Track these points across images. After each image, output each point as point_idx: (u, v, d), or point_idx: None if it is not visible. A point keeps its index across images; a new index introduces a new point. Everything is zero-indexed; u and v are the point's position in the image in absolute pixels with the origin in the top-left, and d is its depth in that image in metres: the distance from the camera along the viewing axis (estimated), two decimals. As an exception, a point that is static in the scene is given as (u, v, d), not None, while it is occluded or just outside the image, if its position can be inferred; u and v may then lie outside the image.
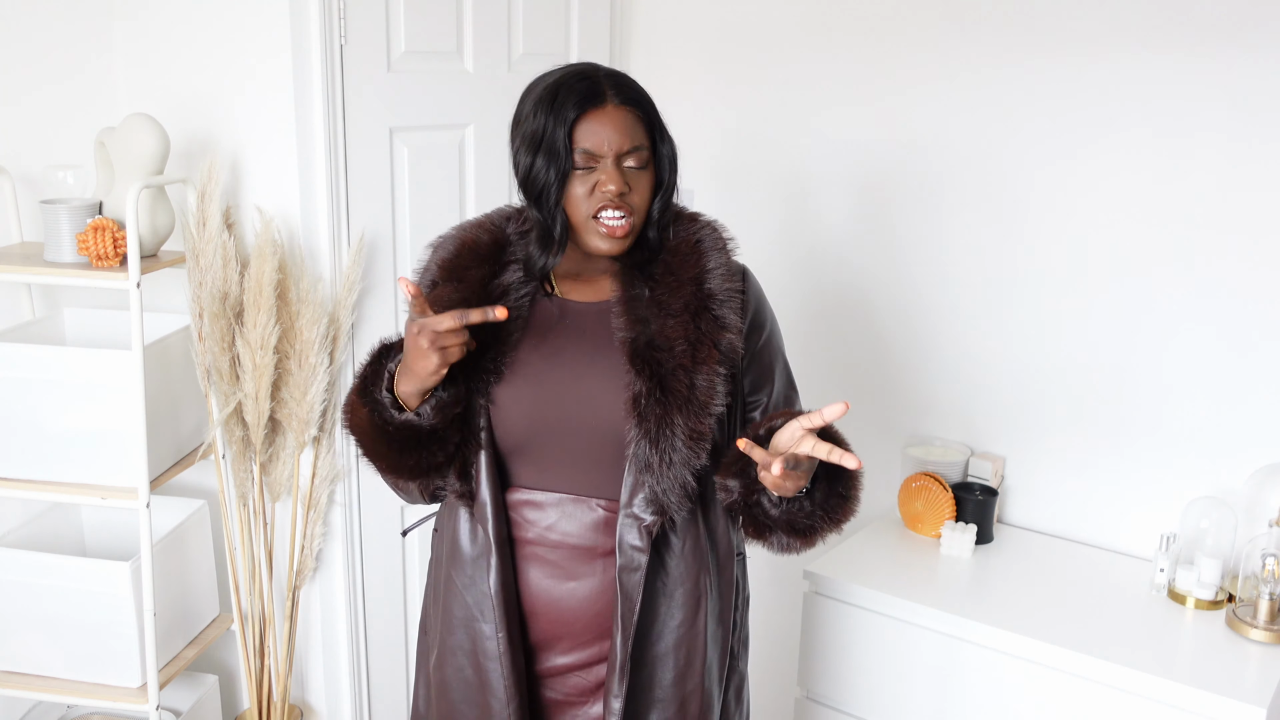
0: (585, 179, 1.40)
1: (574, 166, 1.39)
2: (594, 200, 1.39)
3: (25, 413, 1.92)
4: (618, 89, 1.41)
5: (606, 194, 1.38)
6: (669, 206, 1.48)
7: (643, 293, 1.46)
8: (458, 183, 2.31)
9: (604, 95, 1.40)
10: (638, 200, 1.41)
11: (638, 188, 1.41)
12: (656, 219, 1.46)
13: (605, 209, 1.39)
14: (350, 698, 2.30)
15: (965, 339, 2.33)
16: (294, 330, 2.04)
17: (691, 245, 1.48)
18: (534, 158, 1.40)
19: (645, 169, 1.42)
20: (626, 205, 1.40)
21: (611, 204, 1.39)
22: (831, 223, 2.47)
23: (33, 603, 1.98)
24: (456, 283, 1.46)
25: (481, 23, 2.29)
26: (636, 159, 1.40)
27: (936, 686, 1.97)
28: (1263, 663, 1.81)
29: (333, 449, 2.17)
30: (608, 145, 1.38)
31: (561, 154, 1.38)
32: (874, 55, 2.34)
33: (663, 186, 1.45)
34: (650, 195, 1.44)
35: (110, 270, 1.89)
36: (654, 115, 1.44)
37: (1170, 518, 2.11)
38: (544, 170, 1.40)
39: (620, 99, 1.40)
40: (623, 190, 1.39)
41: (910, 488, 2.25)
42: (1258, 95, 1.94)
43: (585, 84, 1.40)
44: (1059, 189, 2.17)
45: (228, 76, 2.08)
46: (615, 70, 1.45)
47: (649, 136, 1.42)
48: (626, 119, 1.40)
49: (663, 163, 1.45)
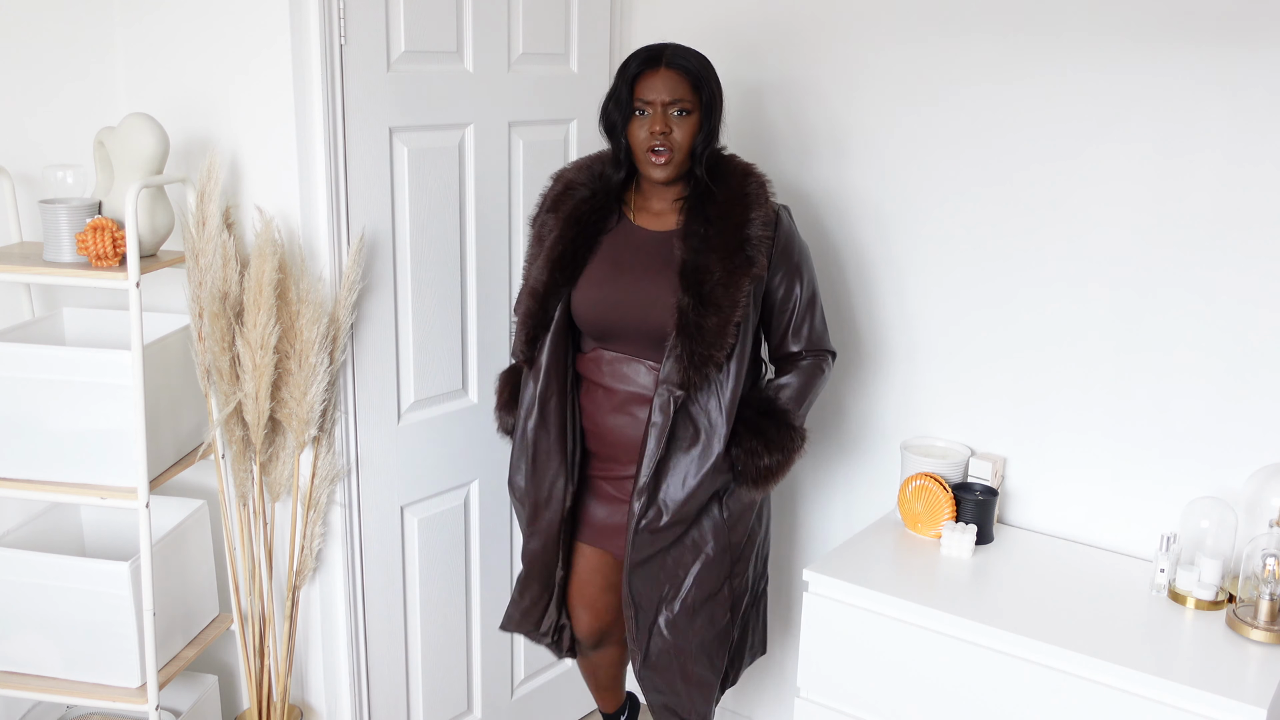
0: (642, 123, 1.94)
1: (633, 111, 1.94)
2: (646, 139, 1.93)
3: (25, 413, 1.91)
4: (673, 55, 1.93)
5: (653, 132, 1.92)
6: (709, 145, 1.96)
7: (700, 229, 1.93)
8: (458, 182, 2.31)
9: (660, 60, 1.92)
10: (679, 138, 1.92)
11: (680, 129, 1.92)
12: (701, 155, 1.95)
13: (653, 144, 1.92)
14: (350, 698, 2.30)
15: (965, 339, 2.33)
16: (294, 330, 2.04)
17: (741, 196, 1.95)
18: (609, 104, 1.97)
19: (688, 116, 1.93)
20: (669, 142, 1.92)
21: (657, 139, 1.92)
22: (832, 222, 2.46)
23: (33, 603, 1.98)
24: (555, 213, 2.03)
25: (481, 23, 2.29)
26: (680, 107, 1.92)
27: (936, 687, 1.97)
28: (1263, 663, 1.81)
29: (332, 449, 2.17)
30: (656, 95, 1.91)
31: (625, 101, 1.94)
32: (874, 55, 2.34)
33: (701, 130, 1.94)
34: (691, 136, 1.93)
35: (110, 270, 1.89)
36: (701, 77, 1.93)
37: (1170, 518, 2.11)
38: (613, 111, 1.96)
39: (672, 64, 1.92)
40: (665, 130, 1.91)
41: (910, 488, 2.25)
42: (1259, 95, 1.94)
43: (647, 52, 1.94)
44: (1060, 189, 2.17)
45: (228, 76, 2.08)
46: (684, 46, 1.96)
47: (695, 93, 1.92)
48: (673, 78, 1.92)
49: (704, 113, 1.94)
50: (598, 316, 2.01)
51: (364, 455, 2.22)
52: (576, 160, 2.10)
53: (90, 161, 2.12)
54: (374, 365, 2.21)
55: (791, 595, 2.65)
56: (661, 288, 1.95)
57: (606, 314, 2.00)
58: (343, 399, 2.16)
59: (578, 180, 2.03)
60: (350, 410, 2.18)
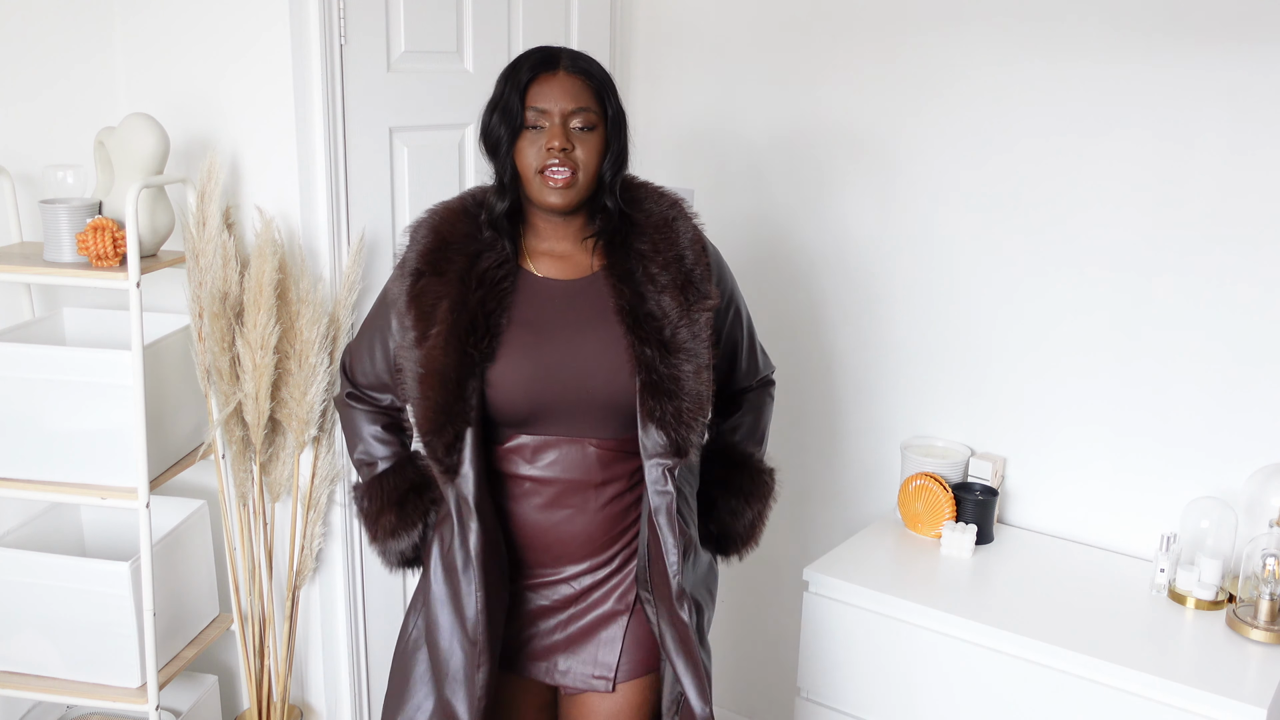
0: (535, 139, 1.54)
1: (525, 125, 1.54)
2: (540, 156, 1.53)
3: (25, 413, 1.91)
4: (571, 60, 1.57)
5: (551, 149, 1.52)
6: (620, 170, 1.60)
7: (634, 267, 1.59)
8: (457, 183, 2.31)
9: (557, 63, 1.56)
10: (582, 157, 1.54)
11: (583, 146, 1.54)
12: (609, 182, 1.59)
13: (549, 163, 1.53)
14: (350, 698, 2.30)
15: (965, 339, 2.33)
16: (294, 330, 2.04)
17: (668, 222, 1.63)
18: (492, 116, 1.57)
19: (592, 131, 1.55)
20: (571, 161, 1.53)
21: (554, 157, 1.52)
22: (832, 221, 2.46)
23: (33, 603, 1.98)
24: (438, 275, 1.57)
25: (481, 23, 2.29)
26: (583, 120, 1.54)
27: (937, 687, 1.97)
28: (1263, 663, 1.81)
29: (332, 449, 2.17)
30: (555, 104, 1.53)
31: (515, 111, 1.54)
32: (876, 54, 2.34)
33: (609, 150, 1.57)
34: (598, 156, 1.56)
35: (110, 270, 1.89)
36: (607, 85, 1.58)
37: (1170, 518, 2.11)
38: (498, 125, 1.56)
39: (571, 68, 1.56)
40: (565, 146, 1.52)
41: (910, 488, 2.25)
42: (1260, 96, 1.94)
43: (541, 54, 1.57)
44: (1060, 188, 2.17)
45: (228, 76, 2.08)
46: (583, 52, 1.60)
47: (599, 103, 1.56)
48: (575, 84, 1.55)
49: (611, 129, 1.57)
50: (531, 395, 1.57)
51: (364, 455, 2.22)
52: (431, 209, 1.64)
53: (90, 161, 2.12)
54: (374, 365, 2.21)
55: (791, 595, 2.65)
56: (604, 345, 1.58)
57: (542, 391, 1.57)
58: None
59: (456, 231, 1.60)
60: (350, 410, 2.18)
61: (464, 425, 1.55)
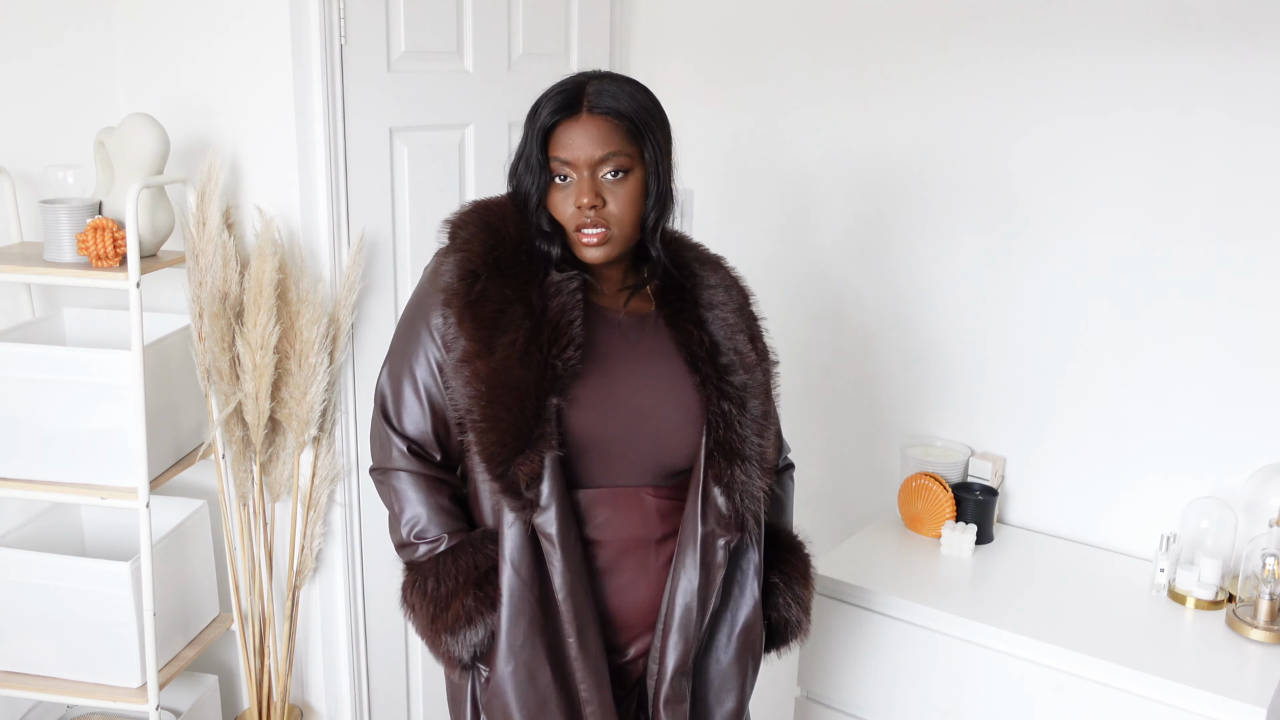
0: (564, 192, 1.38)
1: (551, 177, 1.38)
2: (573, 215, 1.38)
3: (25, 413, 1.92)
4: (597, 97, 1.37)
5: (580, 207, 1.36)
6: (665, 213, 1.43)
7: (693, 310, 1.47)
8: (458, 183, 2.31)
9: (579, 104, 1.37)
10: (615, 211, 1.37)
11: (615, 198, 1.37)
12: (654, 229, 1.42)
13: (580, 222, 1.37)
14: (350, 698, 2.30)
15: (965, 339, 2.33)
16: (294, 330, 2.04)
17: (718, 263, 1.54)
18: (518, 166, 1.42)
19: (626, 176, 1.37)
20: (601, 219, 1.37)
21: (586, 216, 1.37)
22: (833, 222, 2.47)
23: (33, 603, 1.98)
24: (502, 277, 1.38)
25: (481, 23, 2.29)
26: (614, 165, 1.36)
27: (937, 686, 1.97)
28: (1263, 663, 1.81)
29: (333, 449, 2.17)
30: (580, 153, 1.36)
31: (537, 167, 1.38)
32: (875, 57, 2.34)
33: (648, 195, 1.40)
34: (634, 206, 1.38)
35: (110, 270, 1.89)
36: (640, 120, 1.38)
37: (1170, 518, 2.11)
38: (525, 178, 1.40)
39: (598, 108, 1.36)
40: (594, 203, 1.36)
41: (910, 488, 2.25)
42: (1260, 96, 1.94)
43: (562, 95, 1.38)
44: (1060, 189, 2.17)
45: (228, 76, 2.08)
46: (610, 77, 1.41)
47: (633, 143, 1.38)
48: (601, 128, 1.36)
49: (650, 171, 1.39)
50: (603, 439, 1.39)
51: (364, 455, 2.22)
52: (471, 205, 1.47)
53: (90, 161, 2.12)
54: (374, 365, 2.21)
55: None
56: (676, 390, 1.43)
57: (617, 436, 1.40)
58: (343, 399, 2.17)
59: (512, 229, 1.42)
60: (350, 410, 2.18)
61: (546, 449, 1.35)
